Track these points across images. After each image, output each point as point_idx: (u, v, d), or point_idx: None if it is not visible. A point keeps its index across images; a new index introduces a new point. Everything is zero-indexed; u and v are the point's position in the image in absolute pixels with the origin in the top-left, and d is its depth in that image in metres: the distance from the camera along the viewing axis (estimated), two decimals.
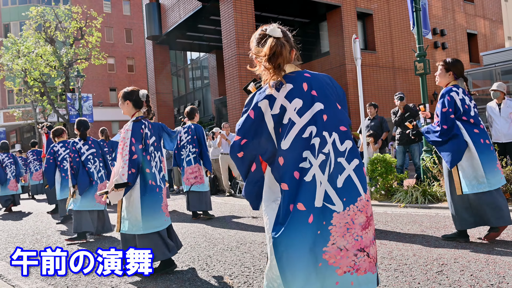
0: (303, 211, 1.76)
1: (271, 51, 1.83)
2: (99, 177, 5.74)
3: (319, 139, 1.82)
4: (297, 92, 1.85)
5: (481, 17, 23.88)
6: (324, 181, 1.79)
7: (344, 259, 1.76)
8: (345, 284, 1.76)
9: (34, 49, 21.76)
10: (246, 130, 1.87)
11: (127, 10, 38.36)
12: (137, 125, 3.74)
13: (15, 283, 3.76)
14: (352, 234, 1.79)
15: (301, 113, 1.83)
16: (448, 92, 4.14)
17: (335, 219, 1.78)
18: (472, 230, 4.60)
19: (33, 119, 29.50)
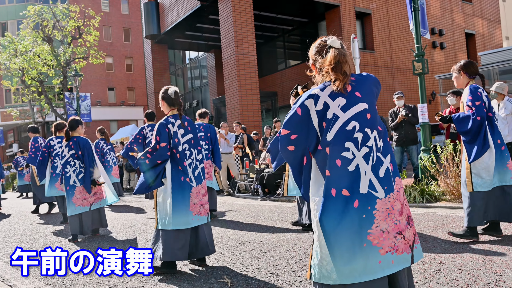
0: (348, 196, 1.96)
1: (335, 59, 2.07)
2: (79, 179, 5.55)
3: (362, 134, 2.03)
4: (338, 94, 2.06)
5: (479, 17, 23.93)
6: (368, 170, 2.00)
7: (386, 240, 1.95)
8: (386, 262, 1.94)
9: (32, 48, 21.70)
10: (295, 125, 2.09)
11: (125, 9, 38.30)
12: (162, 124, 3.77)
13: (13, 283, 3.76)
14: (392, 218, 1.99)
15: (345, 109, 2.04)
16: (477, 89, 4.19)
17: (378, 204, 1.97)
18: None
19: (31, 119, 29.43)
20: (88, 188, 5.56)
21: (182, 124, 3.85)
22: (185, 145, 3.83)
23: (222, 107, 19.30)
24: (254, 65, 15.81)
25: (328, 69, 2.08)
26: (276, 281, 3.32)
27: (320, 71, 2.15)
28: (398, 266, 1.97)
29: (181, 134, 3.84)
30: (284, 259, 3.95)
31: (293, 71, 20.33)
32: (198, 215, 3.81)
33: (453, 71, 4.43)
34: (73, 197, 5.54)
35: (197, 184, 3.85)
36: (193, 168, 3.86)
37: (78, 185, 5.56)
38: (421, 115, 7.70)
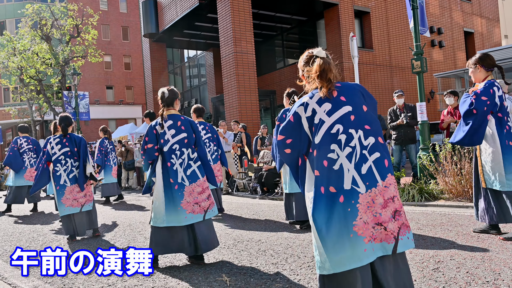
0: (334, 193, 2.17)
1: (321, 68, 2.29)
2: (70, 178, 5.45)
3: (345, 135, 2.23)
4: (325, 100, 2.28)
5: (478, 15, 23.94)
6: (351, 168, 2.20)
7: (367, 230, 2.16)
8: (369, 250, 2.14)
9: (30, 47, 21.65)
10: (289, 131, 2.31)
11: (124, 7, 38.22)
12: (150, 127, 3.94)
13: (12, 281, 3.75)
14: (372, 211, 2.18)
15: (330, 113, 2.25)
16: (491, 86, 4.07)
17: (360, 198, 2.18)
18: (466, 228, 4.62)
19: (29, 117, 29.39)
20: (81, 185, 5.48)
21: (162, 124, 3.92)
22: (175, 145, 3.91)
23: (221, 106, 19.30)
24: (253, 64, 15.80)
25: (314, 76, 2.30)
26: (275, 279, 3.32)
27: (308, 78, 2.36)
28: (377, 254, 2.16)
29: (171, 135, 3.91)
30: (282, 257, 3.95)
31: (292, 69, 20.32)
32: (192, 213, 3.85)
33: (469, 66, 4.31)
34: (62, 197, 5.42)
35: (190, 183, 3.89)
36: (185, 167, 3.91)
37: (69, 184, 5.44)
38: (420, 113, 7.71)
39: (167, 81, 22.93)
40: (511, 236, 4.00)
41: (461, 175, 6.19)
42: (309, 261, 3.74)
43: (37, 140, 9.02)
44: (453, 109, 7.56)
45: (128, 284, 3.46)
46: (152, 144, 3.88)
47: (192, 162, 3.97)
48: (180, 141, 3.94)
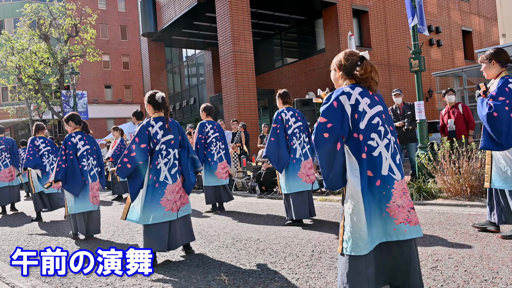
0: (371, 177, 2.42)
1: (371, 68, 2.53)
2: (92, 176, 5.52)
3: (383, 128, 2.50)
4: (365, 93, 2.51)
5: (476, 14, 23.96)
6: (388, 157, 2.47)
7: (401, 213, 2.42)
8: (400, 230, 2.40)
9: (29, 46, 21.60)
10: (331, 115, 2.44)
11: (122, 6, 38.15)
12: (143, 126, 4.04)
13: (10, 281, 3.75)
14: (407, 196, 2.47)
15: (371, 107, 2.49)
16: (506, 84, 3.91)
17: (395, 185, 2.44)
18: (464, 227, 4.63)
19: (28, 117, 29.34)
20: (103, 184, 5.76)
21: (163, 126, 4.09)
22: (162, 146, 4.06)
23: (219, 105, 19.28)
24: (251, 63, 15.79)
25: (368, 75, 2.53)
26: (273, 278, 3.32)
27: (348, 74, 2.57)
28: (411, 235, 2.41)
29: (161, 135, 4.07)
30: (281, 256, 3.96)
31: (290, 68, 20.32)
32: (170, 211, 4.01)
33: (483, 61, 4.12)
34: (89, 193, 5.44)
35: (173, 182, 4.06)
36: (170, 167, 4.08)
37: (90, 182, 5.48)
38: (418, 112, 7.72)
39: (166, 81, 22.91)
40: (510, 234, 3.99)
41: (459, 174, 6.20)
42: (307, 260, 3.74)
43: (11, 139, 8.83)
44: (451, 108, 7.57)
45: (126, 283, 3.46)
46: (145, 144, 3.99)
47: (177, 162, 4.14)
48: (167, 142, 4.10)
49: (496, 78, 4.05)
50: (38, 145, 7.21)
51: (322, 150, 2.45)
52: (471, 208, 5.74)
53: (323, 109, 2.49)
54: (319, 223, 5.51)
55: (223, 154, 7.07)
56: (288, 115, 5.53)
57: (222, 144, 7.04)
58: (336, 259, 3.71)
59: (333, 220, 5.65)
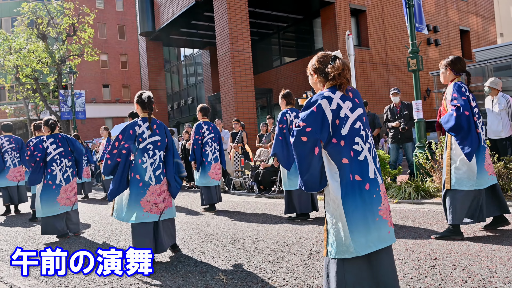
0: (360, 181, 2.41)
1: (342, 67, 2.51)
2: (65, 178, 5.57)
3: (364, 132, 2.52)
4: (346, 98, 2.52)
5: (473, 13, 24.00)
6: (371, 161, 2.50)
7: (389, 215, 2.48)
8: (392, 233, 2.46)
9: (26, 45, 21.55)
10: (311, 120, 2.44)
11: (120, 6, 38.08)
12: (129, 125, 4.08)
13: (8, 281, 3.74)
14: (387, 199, 2.52)
15: (352, 111, 2.50)
16: (461, 86, 4.12)
17: (380, 187, 2.49)
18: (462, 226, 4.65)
19: (25, 116, 29.27)
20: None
21: (150, 126, 4.11)
22: (149, 145, 4.09)
23: (217, 104, 19.27)
24: (249, 62, 15.79)
25: (336, 74, 2.51)
26: (271, 277, 3.33)
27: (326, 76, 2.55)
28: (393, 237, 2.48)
29: (148, 135, 4.10)
30: (279, 255, 3.96)
31: (288, 68, 20.32)
32: (149, 213, 3.99)
33: (440, 66, 4.39)
34: (58, 196, 5.51)
35: (156, 183, 4.06)
36: (155, 168, 4.09)
37: (64, 184, 5.54)
38: (416, 111, 7.72)
39: (164, 80, 22.89)
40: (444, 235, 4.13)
41: None
42: (305, 259, 3.75)
43: (21, 139, 8.79)
44: None
45: (124, 283, 3.46)
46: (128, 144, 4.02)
47: (161, 163, 4.16)
48: (154, 143, 4.13)
49: (450, 83, 4.26)
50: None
51: (300, 153, 2.46)
52: None
53: (302, 114, 2.49)
54: (317, 222, 5.51)
55: (218, 155, 7.17)
56: (292, 115, 5.70)
57: (217, 145, 7.13)
58: None
59: None
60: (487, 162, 4.13)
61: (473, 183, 4.01)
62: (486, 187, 4.10)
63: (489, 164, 4.14)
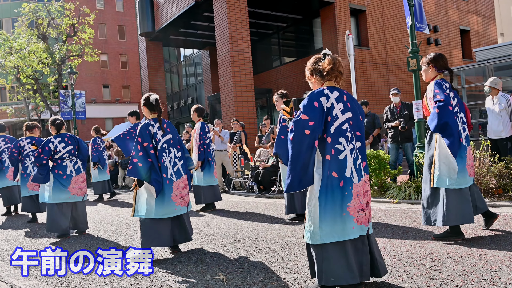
0: (336, 177, 2.67)
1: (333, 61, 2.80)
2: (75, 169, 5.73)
3: (350, 134, 2.74)
4: (341, 99, 2.76)
5: (473, 13, 23.99)
6: (351, 161, 2.72)
7: (356, 213, 2.70)
8: (356, 229, 2.70)
9: (27, 46, 21.55)
10: (313, 114, 2.63)
11: (120, 6, 38.10)
12: (143, 127, 4.23)
13: (8, 281, 3.74)
14: (360, 198, 2.73)
15: (343, 112, 2.74)
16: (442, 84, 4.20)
17: (353, 186, 2.71)
18: (463, 226, 4.65)
19: (26, 116, 29.27)
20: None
21: (161, 126, 4.31)
22: (164, 145, 4.29)
23: (217, 104, 19.26)
24: (249, 62, 15.79)
25: (328, 69, 2.76)
26: (272, 277, 3.32)
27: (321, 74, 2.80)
28: (359, 233, 2.72)
29: (161, 135, 4.30)
30: (279, 256, 3.96)
31: (288, 68, 20.31)
32: (180, 206, 4.28)
33: (422, 64, 4.41)
34: (69, 186, 5.65)
35: (177, 179, 4.31)
36: (173, 164, 4.33)
37: (74, 175, 5.71)
38: (416, 111, 7.71)
39: (164, 80, 22.89)
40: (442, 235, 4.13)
41: None
42: (306, 259, 3.74)
43: (14, 138, 8.62)
44: None
45: (125, 283, 3.46)
46: (147, 142, 4.18)
47: (177, 160, 4.38)
48: (168, 141, 4.34)
49: (432, 81, 4.34)
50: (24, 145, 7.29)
51: (301, 146, 2.61)
52: None
53: (304, 107, 2.67)
54: None
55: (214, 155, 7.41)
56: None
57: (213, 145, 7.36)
58: None
59: None
60: (467, 162, 4.10)
61: (453, 182, 3.99)
62: (465, 186, 4.06)
63: (468, 165, 4.12)
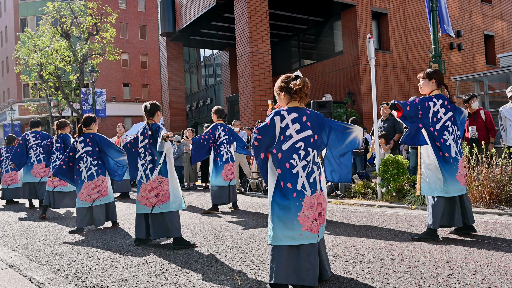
0: (290, 189, 3.02)
1: (302, 83, 3.12)
2: (88, 175, 5.80)
3: (304, 152, 3.07)
4: (298, 120, 3.09)
5: (498, 18, 23.52)
6: (303, 176, 3.06)
7: (306, 222, 3.01)
8: (304, 236, 2.99)
9: (50, 44, 22.00)
10: (263, 131, 3.06)
11: (142, 6, 38.58)
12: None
13: (27, 274, 3.81)
14: (313, 209, 3.05)
15: (298, 132, 3.07)
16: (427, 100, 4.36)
17: (305, 199, 3.03)
18: (482, 235, 4.54)
19: (48, 113, 29.86)
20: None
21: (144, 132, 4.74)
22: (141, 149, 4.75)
23: (236, 105, 19.32)
24: (268, 64, 15.79)
25: (297, 88, 3.11)
26: None
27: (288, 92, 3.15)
28: (311, 240, 3.01)
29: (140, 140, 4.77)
30: None
31: (308, 70, 20.25)
32: (144, 206, 4.65)
33: (422, 78, 4.57)
34: (79, 191, 5.79)
35: (146, 181, 4.66)
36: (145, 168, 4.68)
37: (86, 181, 5.79)
38: None
39: (183, 80, 23.06)
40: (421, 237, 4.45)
41: (478, 181, 6.08)
42: None
43: (48, 134, 8.83)
44: (472, 114, 7.44)
45: (140, 280, 3.49)
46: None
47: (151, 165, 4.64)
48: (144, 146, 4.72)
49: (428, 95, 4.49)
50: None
51: (255, 154, 3.09)
52: (490, 215, 5.62)
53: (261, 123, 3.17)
54: (333, 226, 5.47)
55: (230, 156, 7.29)
56: None
57: (230, 146, 7.30)
58: (350, 263, 3.67)
59: (348, 223, 5.60)
60: (459, 173, 4.32)
61: (439, 191, 4.29)
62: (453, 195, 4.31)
63: (461, 175, 4.34)
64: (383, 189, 7.41)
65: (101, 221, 5.89)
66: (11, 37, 37.42)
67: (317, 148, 3.16)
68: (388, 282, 3.13)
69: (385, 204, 6.97)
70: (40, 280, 3.59)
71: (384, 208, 6.79)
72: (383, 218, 5.90)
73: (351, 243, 4.43)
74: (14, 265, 4.13)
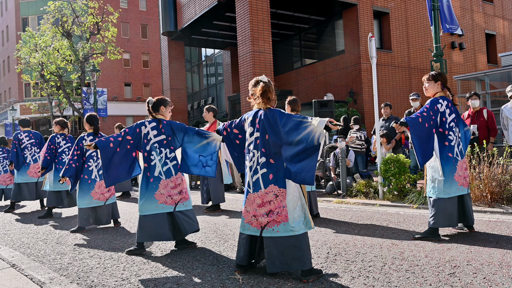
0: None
1: (263, 89, 3.47)
2: (99, 174, 5.85)
3: (252, 153, 3.43)
4: (252, 122, 3.49)
5: (500, 17, 23.48)
6: (249, 175, 3.44)
7: (247, 216, 3.41)
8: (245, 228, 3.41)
9: (51, 43, 22.03)
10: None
11: (143, 5, 38.59)
12: (136, 124, 4.45)
13: (28, 273, 3.82)
14: (252, 205, 3.39)
15: (250, 135, 3.49)
16: (435, 103, 4.42)
17: (248, 196, 3.42)
18: (484, 234, 4.54)
19: (49, 112, 29.90)
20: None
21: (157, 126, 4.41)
22: (155, 144, 4.36)
23: (237, 105, 19.33)
24: (270, 63, 15.79)
25: (258, 94, 3.44)
26: (288, 278, 3.31)
27: (254, 96, 3.52)
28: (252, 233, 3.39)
29: (154, 135, 4.39)
30: None
31: (309, 69, 20.24)
32: (164, 204, 4.31)
33: (427, 80, 4.61)
34: (92, 190, 5.81)
35: (166, 178, 4.35)
36: (163, 164, 4.37)
37: (98, 179, 5.84)
38: None
39: (184, 79, 23.07)
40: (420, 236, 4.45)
41: (480, 180, 6.08)
42: (322, 262, 3.72)
43: (39, 133, 8.64)
44: (474, 112, 7.43)
45: (142, 279, 3.49)
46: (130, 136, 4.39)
47: (168, 160, 4.38)
48: (160, 142, 4.39)
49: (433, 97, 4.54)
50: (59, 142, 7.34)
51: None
52: (491, 214, 5.62)
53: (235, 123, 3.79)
54: (334, 225, 5.47)
55: None
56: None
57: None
58: (352, 262, 3.68)
59: (349, 221, 5.60)
60: (457, 173, 4.39)
61: (440, 191, 4.36)
62: (452, 196, 4.36)
63: (460, 176, 4.40)
64: (384, 188, 7.41)
65: (108, 221, 5.95)
66: (12, 37, 37.49)
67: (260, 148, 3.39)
68: (390, 281, 3.13)
69: (387, 203, 6.97)
70: (41, 279, 3.60)
71: (385, 207, 6.79)
72: (384, 217, 5.90)
73: (353, 242, 4.44)
74: (16, 265, 4.14)
